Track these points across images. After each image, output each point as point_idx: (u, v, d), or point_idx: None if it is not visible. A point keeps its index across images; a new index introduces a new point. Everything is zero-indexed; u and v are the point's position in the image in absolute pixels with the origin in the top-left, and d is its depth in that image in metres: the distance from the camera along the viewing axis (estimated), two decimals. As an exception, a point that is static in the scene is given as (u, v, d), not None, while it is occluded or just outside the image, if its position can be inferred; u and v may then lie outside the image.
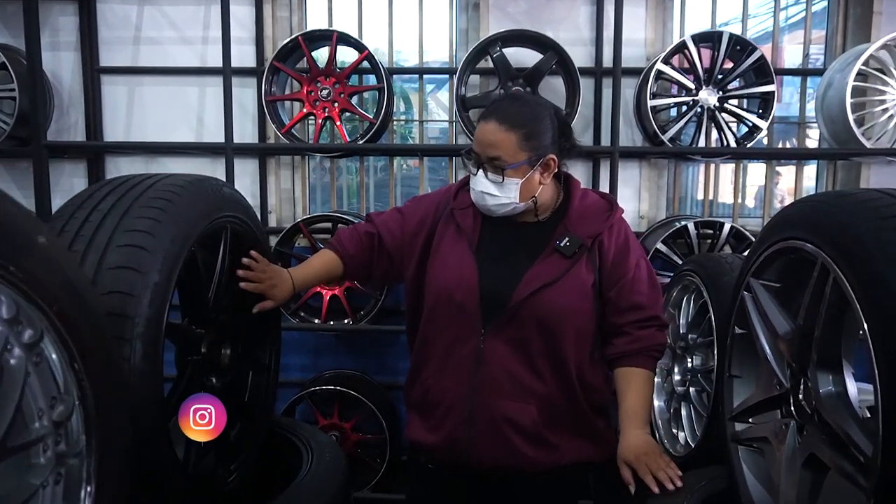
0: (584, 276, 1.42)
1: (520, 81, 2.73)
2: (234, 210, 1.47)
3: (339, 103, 2.74)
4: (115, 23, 3.06)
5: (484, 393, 1.41)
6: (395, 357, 3.15)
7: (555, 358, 1.41)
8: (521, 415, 1.40)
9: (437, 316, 1.47)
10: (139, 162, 3.12)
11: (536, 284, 1.39)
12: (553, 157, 1.42)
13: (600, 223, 1.45)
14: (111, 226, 1.16)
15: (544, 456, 1.42)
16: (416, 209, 1.58)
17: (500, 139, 1.38)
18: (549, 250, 1.43)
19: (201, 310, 1.42)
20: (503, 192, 1.40)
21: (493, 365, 1.40)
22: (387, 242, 1.55)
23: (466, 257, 1.45)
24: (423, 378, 1.50)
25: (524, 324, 1.39)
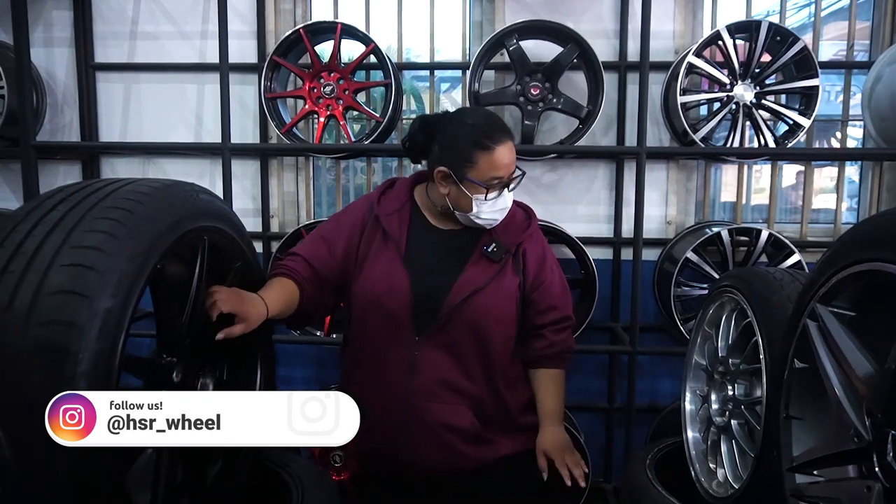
0: (510, 281, 1.50)
1: (538, 76, 2.53)
2: (214, 219, 1.29)
3: (343, 100, 2.55)
4: (111, 17, 2.91)
5: (418, 400, 1.45)
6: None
7: (484, 360, 1.48)
8: (457, 417, 1.47)
9: (366, 326, 1.49)
10: (136, 163, 2.97)
11: (469, 289, 1.45)
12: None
13: (522, 231, 1.55)
14: (57, 241, 0.98)
15: (485, 451, 1.51)
16: (338, 228, 1.55)
17: (514, 153, 1.48)
18: (476, 256, 1.50)
19: (175, 335, 1.24)
20: (509, 200, 1.49)
21: (427, 372, 1.45)
22: (322, 272, 1.50)
23: (396, 265, 1.47)
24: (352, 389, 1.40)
25: (457, 328, 1.45)
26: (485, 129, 1.44)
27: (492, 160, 1.42)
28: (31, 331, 0.90)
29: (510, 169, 1.45)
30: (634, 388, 2.51)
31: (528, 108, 2.52)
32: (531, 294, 1.54)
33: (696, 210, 2.91)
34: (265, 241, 2.88)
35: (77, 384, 0.90)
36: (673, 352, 2.62)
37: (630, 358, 2.49)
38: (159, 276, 1.14)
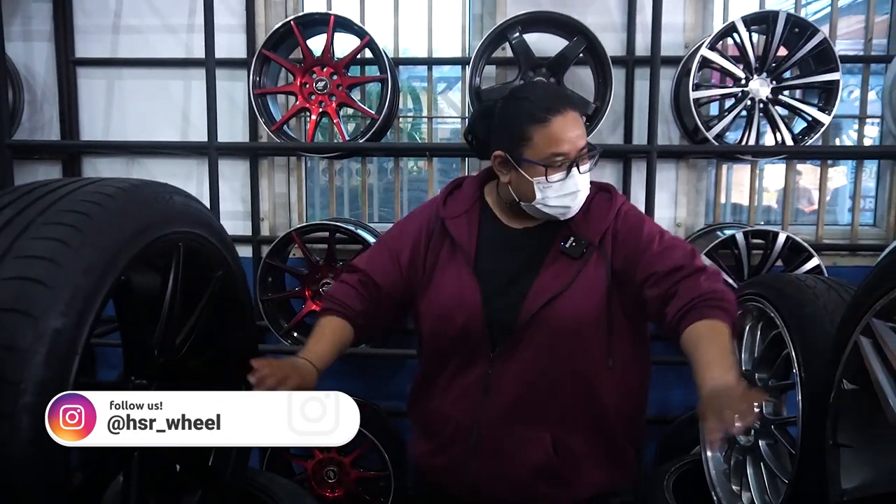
0: (595, 278, 1.27)
1: (542, 71, 2.39)
2: (190, 224, 1.16)
3: (336, 97, 2.42)
4: (92, 10, 2.76)
5: (491, 421, 1.29)
6: (403, 381, 2.83)
7: (571, 373, 1.27)
8: (533, 446, 1.28)
9: (436, 342, 1.34)
10: (119, 163, 2.83)
11: (546, 296, 1.25)
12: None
13: (607, 216, 1.30)
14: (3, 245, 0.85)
15: (559, 493, 1.31)
16: (402, 236, 1.38)
17: (582, 127, 1.26)
18: (553, 255, 1.29)
19: (145, 355, 1.11)
20: (587, 182, 1.28)
21: (502, 392, 1.28)
22: (385, 287, 1.34)
23: (466, 276, 1.30)
24: (425, 404, 1.40)
25: (535, 342, 1.26)
26: (541, 102, 1.24)
27: (549, 134, 1.22)
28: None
29: (576, 144, 1.23)
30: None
31: (532, 105, 2.39)
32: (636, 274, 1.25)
33: (707, 211, 2.78)
34: (255, 246, 2.74)
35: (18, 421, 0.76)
36: (685, 361, 2.48)
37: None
38: (125, 289, 1.01)
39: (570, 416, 1.28)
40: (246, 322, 1.41)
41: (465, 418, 1.30)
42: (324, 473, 2.57)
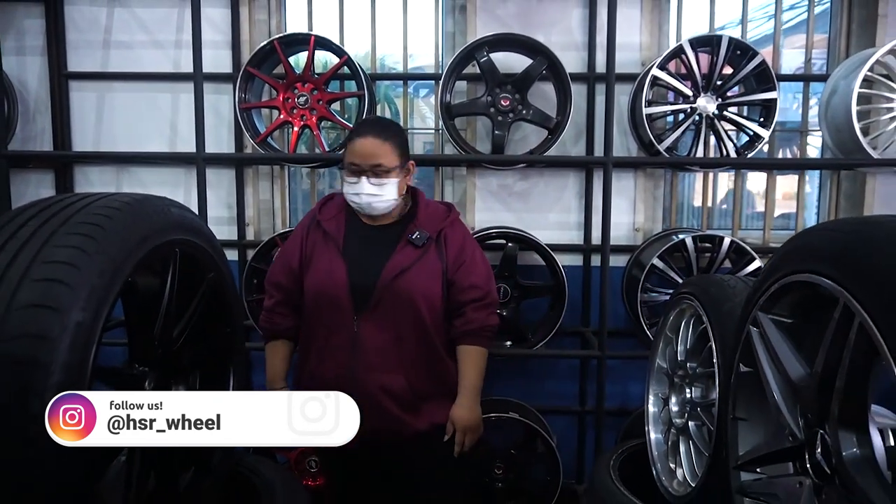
0: (433, 262, 1.75)
1: (508, 88, 2.59)
2: (185, 232, 1.32)
3: (317, 111, 2.59)
4: (84, 26, 2.91)
5: (361, 370, 1.70)
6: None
7: (417, 333, 1.72)
8: (392, 383, 1.70)
9: (314, 313, 1.76)
10: (110, 172, 2.97)
11: (396, 270, 1.70)
12: (412, 163, 1.80)
13: (443, 221, 1.80)
14: (28, 257, 1.01)
15: (419, 419, 1.75)
16: (292, 243, 1.84)
17: (380, 150, 1.70)
18: (403, 243, 1.74)
19: (146, 345, 1.27)
20: (385, 192, 1.72)
21: (366, 346, 1.70)
22: (293, 286, 1.80)
23: (335, 258, 1.74)
24: (308, 367, 1.78)
25: (389, 305, 1.69)
26: (358, 127, 1.79)
27: (352, 148, 1.71)
28: (2, 344, 0.93)
29: (367, 160, 1.69)
30: (604, 391, 2.58)
31: (498, 119, 2.58)
32: (453, 275, 1.76)
33: (664, 217, 2.99)
34: (241, 250, 2.90)
35: (48, 396, 0.93)
36: (641, 356, 2.68)
37: (599, 362, 2.56)
38: (131, 288, 1.17)
39: (417, 364, 1.72)
40: (233, 319, 1.57)
41: (341, 372, 1.70)
42: (305, 464, 2.73)
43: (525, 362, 2.95)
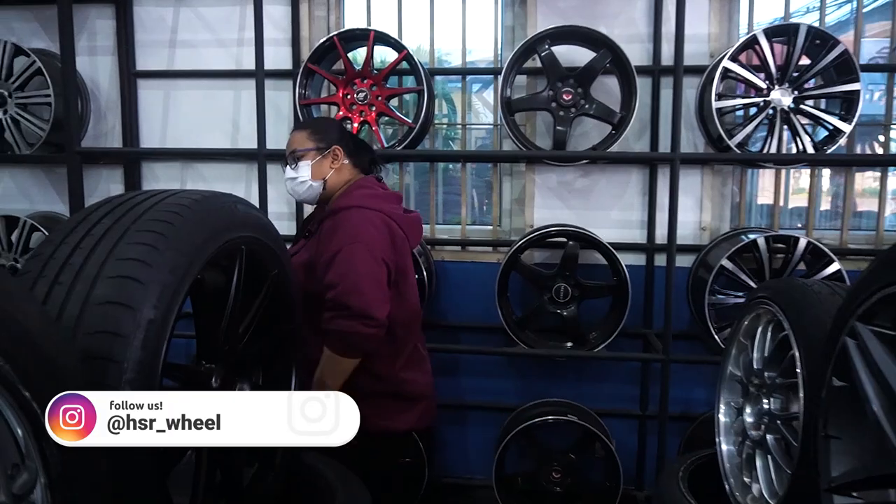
0: (303, 254, 1.78)
1: (570, 82, 2.52)
2: (251, 229, 1.32)
3: (376, 107, 2.58)
4: (151, 25, 2.99)
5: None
6: (435, 373, 2.97)
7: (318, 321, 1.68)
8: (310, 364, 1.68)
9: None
10: (174, 167, 3.05)
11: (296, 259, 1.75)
12: (338, 148, 1.82)
13: (330, 214, 1.75)
14: (103, 253, 1.02)
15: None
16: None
17: (295, 138, 1.86)
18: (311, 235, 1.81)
19: (213, 342, 1.28)
20: (298, 173, 1.81)
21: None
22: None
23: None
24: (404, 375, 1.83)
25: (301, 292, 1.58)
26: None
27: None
28: (79, 340, 0.94)
29: (288, 149, 1.86)
30: (668, 396, 2.49)
31: (559, 114, 2.51)
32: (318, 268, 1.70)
33: (732, 216, 2.86)
34: (298, 245, 2.92)
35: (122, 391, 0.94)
36: (707, 360, 2.58)
37: (663, 366, 2.47)
38: (199, 285, 1.17)
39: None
40: (294, 315, 1.57)
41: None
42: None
43: (584, 364, 2.87)
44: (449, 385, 2.98)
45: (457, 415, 2.99)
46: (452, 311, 2.93)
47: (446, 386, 2.98)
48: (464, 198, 2.92)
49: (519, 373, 2.96)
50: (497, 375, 2.97)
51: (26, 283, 1.00)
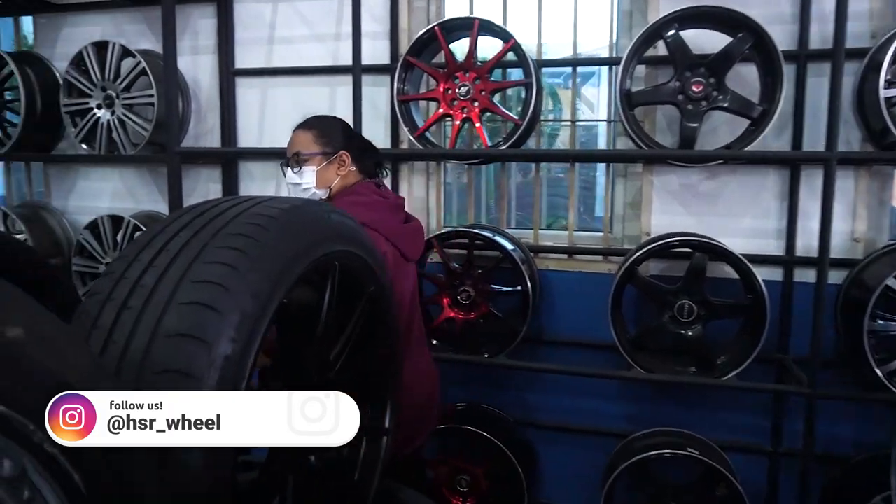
0: None
1: (701, 71, 2.20)
2: (346, 242, 1.15)
3: (479, 102, 2.37)
4: (250, 22, 2.94)
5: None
6: (537, 391, 2.75)
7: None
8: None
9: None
10: (271, 167, 2.98)
11: None
12: (345, 153, 1.71)
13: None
14: (177, 273, 0.87)
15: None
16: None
17: (299, 139, 1.74)
18: None
19: (300, 371, 1.12)
20: (303, 178, 1.71)
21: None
22: None
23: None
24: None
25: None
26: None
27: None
28: (146, 378, 0.79)
29: (289, 151, 1.75)
30: (814, 434, 2.13)
31: (688, 108, 2.20)
32: None
33: (893, 225, 2.43)
34: (393, 250, 2.77)
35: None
36: (865, 398, 2.20)
37: (809, 402, 2.12)
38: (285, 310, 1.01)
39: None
40: (391, 336, 1.39)
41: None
42: (456, 482, 2.56)
43: (705, 390, 2.54)
44: (551, 404, 2.74)
45: (559, 436, 2.74)
46: (556, 326, 2.68)
47: (548, 405, 2.75)
48: (572, 201, 2.66)
49: (630, 395, 2.68)
50: (605, 397, 2.70)
51: (93, 308, 0.87)
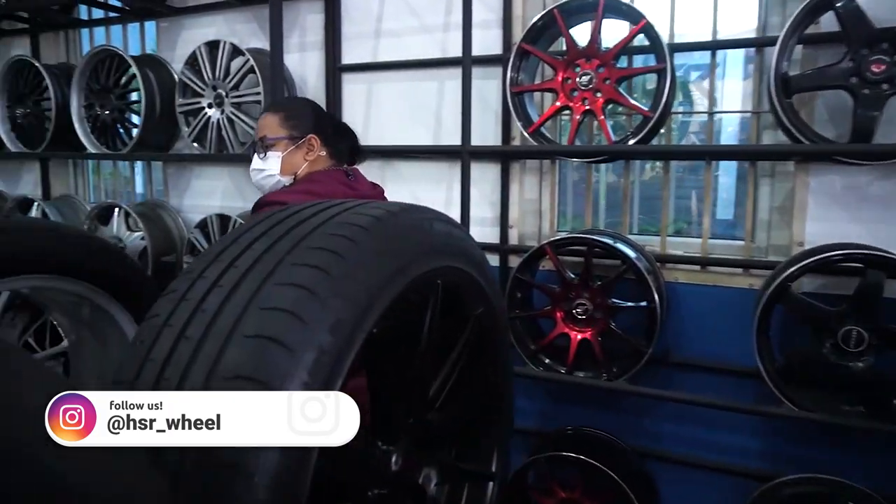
0: None
1: (883, 47, 1.80)
2: (450, 257, 0.95)
3: (602, 92, 2.10)
4: (358, 16, 2.82)
5: None
6: (659, 418, 2.44)
7: None
8: None
9: None
10: (374, 167, 2.85)
11: None
12: (314, 137, 1.59)
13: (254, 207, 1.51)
14: (245, 296, 0.71)
15: None
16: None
17: (266, 122, 1.61)
18: None
19: (392, 414, 0.93)
20: (267, 164, 1.58)
21: None
22: None
23: None
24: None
25: None
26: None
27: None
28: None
29: (258, 134, 1.61)
30: None
31: (864, 93, 1.82)
32: None
33: None
34: (502, 255, 2.56)
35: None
36: None
37: None
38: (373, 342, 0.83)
39: None
40: (502, 365, 1.18)
41: None
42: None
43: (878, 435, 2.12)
44: (676, 433, 2.41)
45: (685, 472, 2.41)
46: (685, 347, 2.35)
47: (673, 434, 2.42)
48: (707, 204, 2.32)
49: (773, 432, 2.30)
50: (742, 431, 2.33)
51: (149, 334, 0.73)
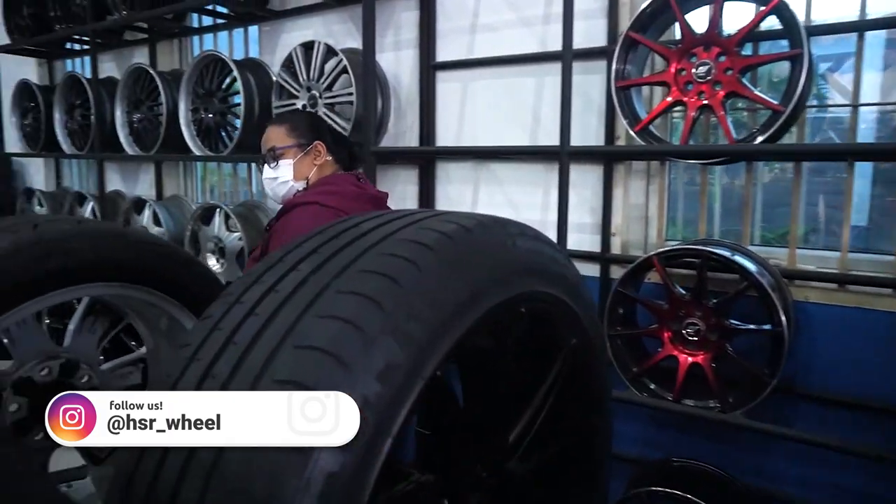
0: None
1: None
2: (537, 279, 0.79)
3: (723, 84, 1.85)
4: (453, 12, 2.70)
5: None
6: (782, 456, 2.13)
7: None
8: None
9: None
10: (468, 168, 2.73)
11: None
12: (320, 143, 1.68)
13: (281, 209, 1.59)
14: (281, 329, 0.59)
15: None
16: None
17: (272, 134, 1.71)
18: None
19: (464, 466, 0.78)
20: (279, 173, 1.68)
21: None
22: None
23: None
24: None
25: None
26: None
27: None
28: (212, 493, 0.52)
29: (265, 146, 1.68)
30: None
31: None
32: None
33: None
34: (603, 266, 2.34)
35: None
36: None
37: None
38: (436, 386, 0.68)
39: None
40: (599, 405, 1.01)
41: None
42: None
43: None
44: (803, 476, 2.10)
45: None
46: (816, 376, 2.03)
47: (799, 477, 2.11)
48: (847, 213, 1.99)
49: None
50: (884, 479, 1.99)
51: (177, 366, 0.63)
